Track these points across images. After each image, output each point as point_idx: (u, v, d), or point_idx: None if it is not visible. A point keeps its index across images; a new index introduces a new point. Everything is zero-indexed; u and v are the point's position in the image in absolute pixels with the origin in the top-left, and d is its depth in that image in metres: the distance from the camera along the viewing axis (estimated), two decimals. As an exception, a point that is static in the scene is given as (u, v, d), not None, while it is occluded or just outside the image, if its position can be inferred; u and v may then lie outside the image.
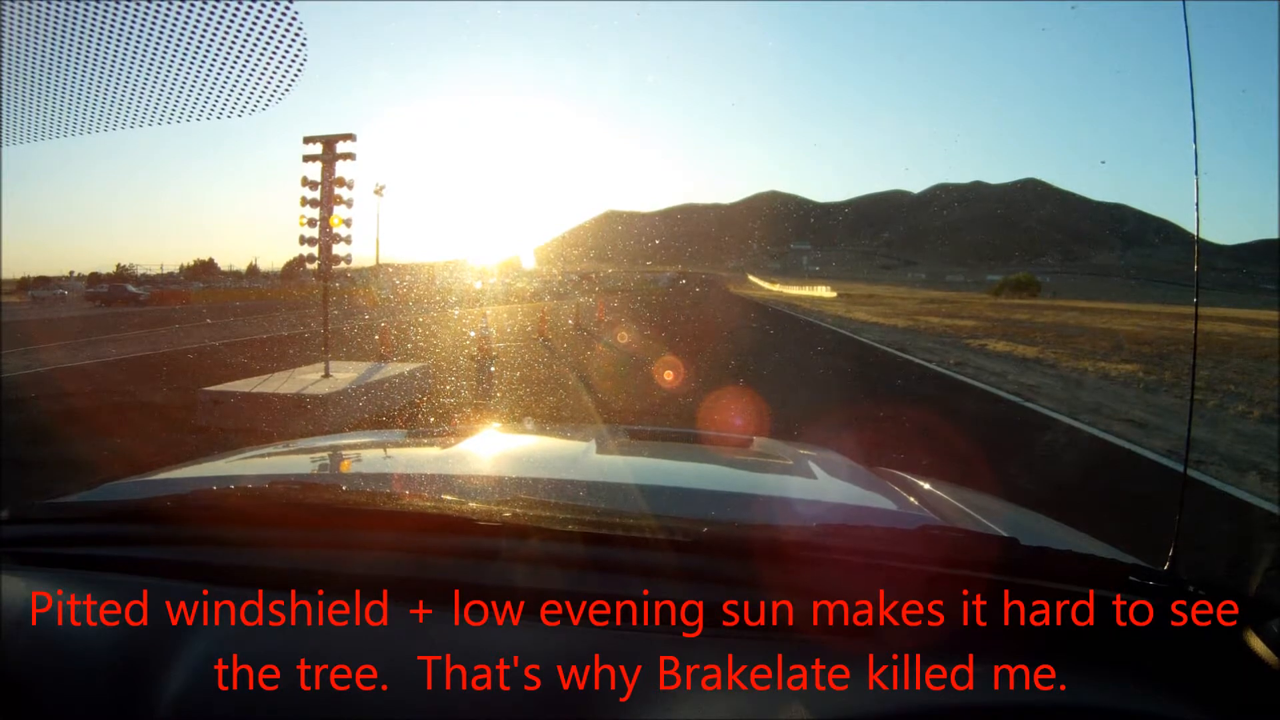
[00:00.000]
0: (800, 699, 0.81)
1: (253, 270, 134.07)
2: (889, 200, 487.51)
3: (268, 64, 1.53)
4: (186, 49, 1.55)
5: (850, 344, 20.37)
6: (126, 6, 1.52)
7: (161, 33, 1.54)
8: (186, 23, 1.52)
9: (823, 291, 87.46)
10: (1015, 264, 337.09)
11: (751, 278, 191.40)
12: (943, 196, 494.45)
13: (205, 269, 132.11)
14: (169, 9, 1.52)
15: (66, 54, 1.61)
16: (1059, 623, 0.93)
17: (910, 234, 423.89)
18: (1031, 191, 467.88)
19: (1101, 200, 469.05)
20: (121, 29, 1.54)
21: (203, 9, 1.50)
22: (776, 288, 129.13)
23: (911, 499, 1.64)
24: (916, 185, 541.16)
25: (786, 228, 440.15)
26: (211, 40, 1.53)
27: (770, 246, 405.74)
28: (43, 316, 31.01)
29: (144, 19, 1.53)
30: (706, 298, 53.47)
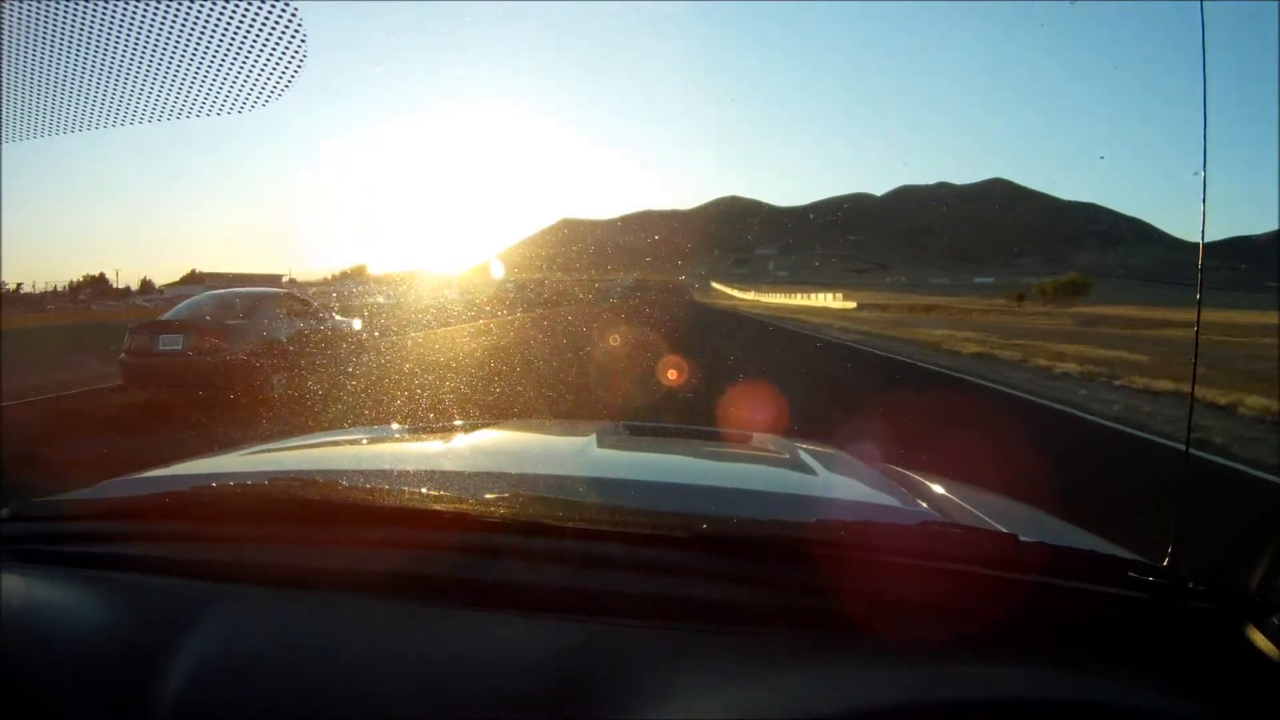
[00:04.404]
0: (800, 696, 0.82)
1: (146, 286, 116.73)
2: (852, 203, 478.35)
3: (268, 60, 1.57)
4: (182, 44, 1.59)
5: None
6: (120, 5, 1.55)
7: (156, 28, 1.58)
8: (183, 19, 1.56)
9: (829, 301, 67.10)
10: (994, 266, 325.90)
11: (716, 285, 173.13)
12: (907, 198, 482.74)
13: (93, 285, 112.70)
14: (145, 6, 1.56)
15: (63, 50, 1.64)
16: (1058, 619, 0.94)
17: (877, 237, 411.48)
18: (1000, 192, 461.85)
19: (1072, 200, 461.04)
20: (114, 25, 1.58)
21: (198, 6, 1.55)
22: (751, 295, 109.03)
23: (911, 495, 1.65)
24: (879, 188, 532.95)
25: (749, 233, 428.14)
26: (208, 36, 1.57)
27: (733, 252, 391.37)
28: None
29: (127, 15, 1.57)
30: (676, 315, 34.92)
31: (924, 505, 1.52)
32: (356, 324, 12.55)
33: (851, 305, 58.63)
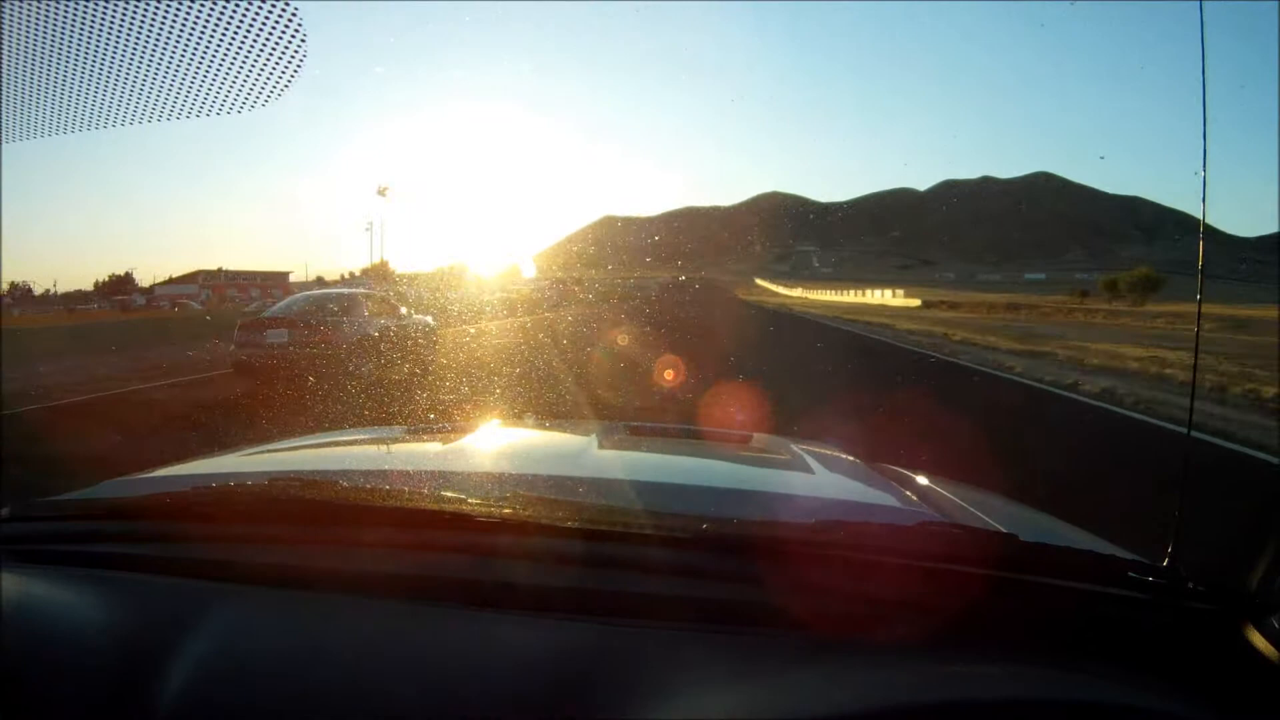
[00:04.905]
0: (799, 695, 0.81)
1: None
2: (894, 198, 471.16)
3: (268, 60, 1.55)
4: (183, 44, 1.58)
5: None
6: (122, 4, 1.55)
7: (157, 28, 1.57)
8: (184, 19, 1.55)
9: (889, 299, 65.79)
10: (1040, 261, 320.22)
11: (760, 281, 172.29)
12: (950, 193, 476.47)
13: (120, 284, 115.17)
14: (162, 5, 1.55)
15: (63, 50, 1.63)
16: (1058, 619, 0.94)
17: (920, 232, 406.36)
18: (1043, 185, 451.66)
19: (1116, 193, 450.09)
20: (119, 25, 1.57)
21: (202, 6, 1.54)
22: (798, 293, 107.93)
23: (912, 495, 1.64)
24: (922, 182, 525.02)
25: (790, 229, 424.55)
26: (210, 36, 1.56)
27: (774, 248, 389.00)
28: None
29: (138, 14, 1.56)
30: (728, 323, 29.24)
31: (923, 505, 1.54)
32: (430, 320, 13.63)
33: (915, 303, 56.13)
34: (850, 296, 79.01)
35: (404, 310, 13.00)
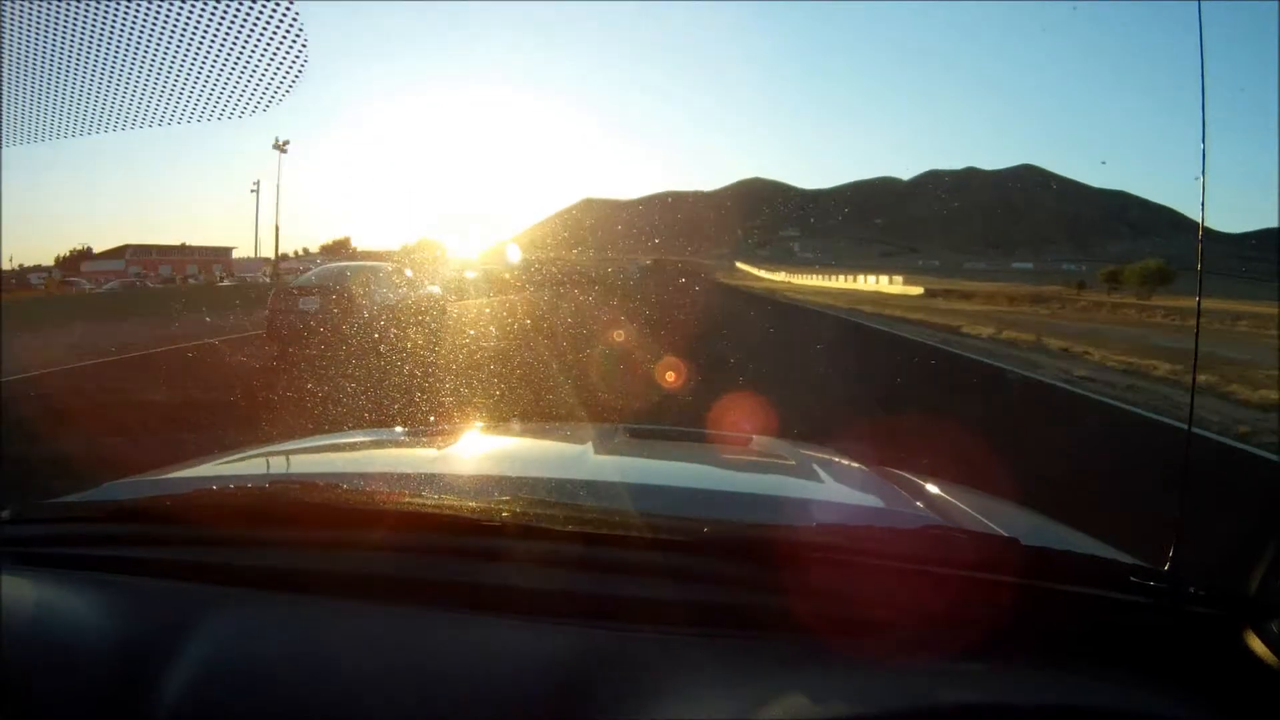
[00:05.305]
0: (799, 699, 0.82)
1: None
2: (878, 187, 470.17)
3: (267, 64, 1.56)
4: (173, 49, 1.59)
5: None
6: (123, 6, 1.56)
7: (151, 33, 1.58)
8: (170, 21, 1.57)
9: (884, 285, 62.00)
10: (1023, 251, 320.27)
11: (741, 265, 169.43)
12: (934, 183, 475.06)
13: (81, 258, 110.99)
14: (150, 8, 1.56)
15: (65, 54, 1.64)
16: (1059, 624, 0.95)
17: (904, 221, 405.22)
18: (1029, 178, 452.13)
19: (1102, 188, 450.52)
20: (118, 28, 1.58)
21: (187, 8, 1.55)
22: (781, 277, 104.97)
23: (913, 499, 1.65)
24: (906, 171, 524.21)
25: (772, 215, 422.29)
26: (208, 40, 1.57)
27: (757, 234, 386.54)
28: None
29: (136, 18, 1.57)
30: (709, 308, 25.43)
31: (926, 509, 1.51)
32: (437, 289, 15.32)
33: (916, 291, 50.58)
34: (840, 282, 75.50)
35: (409, 275, 14.55)
